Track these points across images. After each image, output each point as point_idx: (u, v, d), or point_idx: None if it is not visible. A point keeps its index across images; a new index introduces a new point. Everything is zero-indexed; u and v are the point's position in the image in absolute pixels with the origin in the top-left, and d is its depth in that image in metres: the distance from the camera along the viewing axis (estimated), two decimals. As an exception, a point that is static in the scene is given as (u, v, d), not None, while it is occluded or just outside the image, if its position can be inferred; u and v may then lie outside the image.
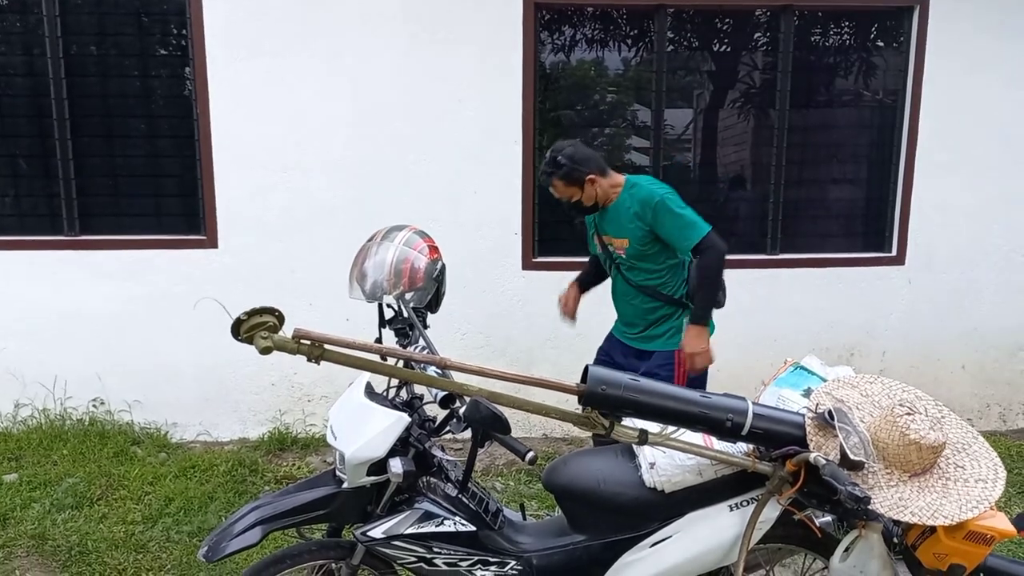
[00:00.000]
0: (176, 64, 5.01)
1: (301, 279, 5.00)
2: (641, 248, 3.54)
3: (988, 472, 2.21)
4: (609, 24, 5.19)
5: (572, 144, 3.61)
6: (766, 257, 5.30)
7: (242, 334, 2.08)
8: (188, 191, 5.03)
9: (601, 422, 2.26)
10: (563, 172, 3.52)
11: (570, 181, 3.54)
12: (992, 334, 5.47)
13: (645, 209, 3.48)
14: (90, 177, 5.00)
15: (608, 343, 3.91)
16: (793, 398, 2.49)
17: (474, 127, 4.97)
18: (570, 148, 3.56)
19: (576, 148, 3.58)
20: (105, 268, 4.96)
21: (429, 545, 2.42)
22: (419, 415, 2.54)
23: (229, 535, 2.39)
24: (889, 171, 5.33)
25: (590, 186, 3.55)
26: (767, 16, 5.19)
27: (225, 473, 4.53)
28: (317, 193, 4.96)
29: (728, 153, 5.58)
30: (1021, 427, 5.60)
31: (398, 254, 2.75)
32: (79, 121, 4.94)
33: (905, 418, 2.19)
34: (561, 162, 3.51)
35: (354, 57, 4.87)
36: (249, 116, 4.87)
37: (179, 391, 5.10)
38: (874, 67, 5.35)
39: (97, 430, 4.93)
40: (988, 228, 5.34)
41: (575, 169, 3.52)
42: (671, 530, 2.42)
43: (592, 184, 3.55)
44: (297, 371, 5.05)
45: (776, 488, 2.32)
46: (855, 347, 5.39)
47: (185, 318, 4.89)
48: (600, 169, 3.57)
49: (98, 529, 3.92)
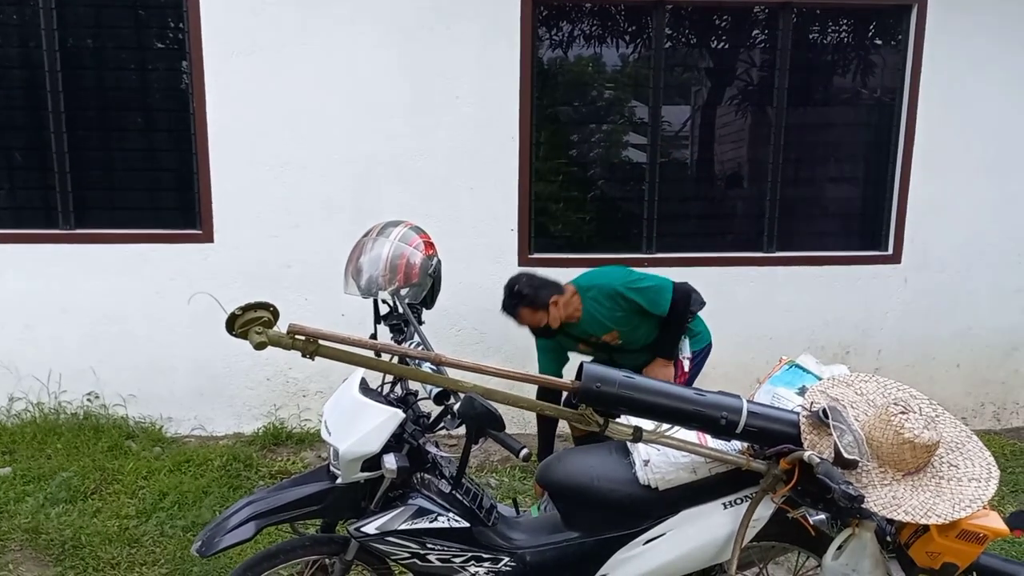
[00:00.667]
0: (172, 58, 5.00)
1: (297, 274, 4.99)
2: (631, 327, 3.77)
3: (981, 471, 2.21)
4: (607, 20, 5.18)
5: (527, 274, 3.78)
6: (762, 255, 5.30)
7: (236, 329, 2.08)
8: (184, 185, 5.01)
9: (595, 419, 2.26)
10: (527, 300, 3.65)
11: (536, 307, 3.66)
12: (987, 333, 5.47)
13: (615, 301, 3.71)
14: (86, 171, 4.98)
15: None
16: (788, 396, 2.49)
17: (471, 123, 4.96)
18: (526, 278, 3.72)
19: (532, 277, 3.74)
20: (100, 262, 4.94)
21: (423, 541, 2.42)
22: (413, 411, 2.54)
23: (223, 530, 2.40)
24: (886, 170, 5.33)
25: (555, 308, 3.67)
26: (765, 13, 5.18)
27: (219, 468, 4.52)
28: (313, 188, 4.95)
29: (725, 150, 5.57)
30: (1015, 426, 5.61)
31: (394, 250, 2.75)
32: (75, 114, 4.92)
33: (899, 417, 2.19)
34: (524, 292, 3.64)
35: (351, 52, 4.85)
36: (245, 111, 4.86)
37: (174, 385, 5.09)
38: (872, 66, 5.35)
39: (91, 424, 4.92)
40: (984, 228, 5.34)
41: (538, 296, 3.64)
42: (665, 527, 2.43)
43: (555, 306, 3.68)
44: (292, 366, 5.04)
45: (770, 486, 2.33)
46: (851, 345, 5.40)
47: (180, 312, 4.89)
48: (558, 291, 3.71)
49: (92, 523, 3.91)
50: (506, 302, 3.71)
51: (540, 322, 3.68)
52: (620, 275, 3.77)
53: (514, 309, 3.68)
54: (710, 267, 5.17)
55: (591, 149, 5.38)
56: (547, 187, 5.21)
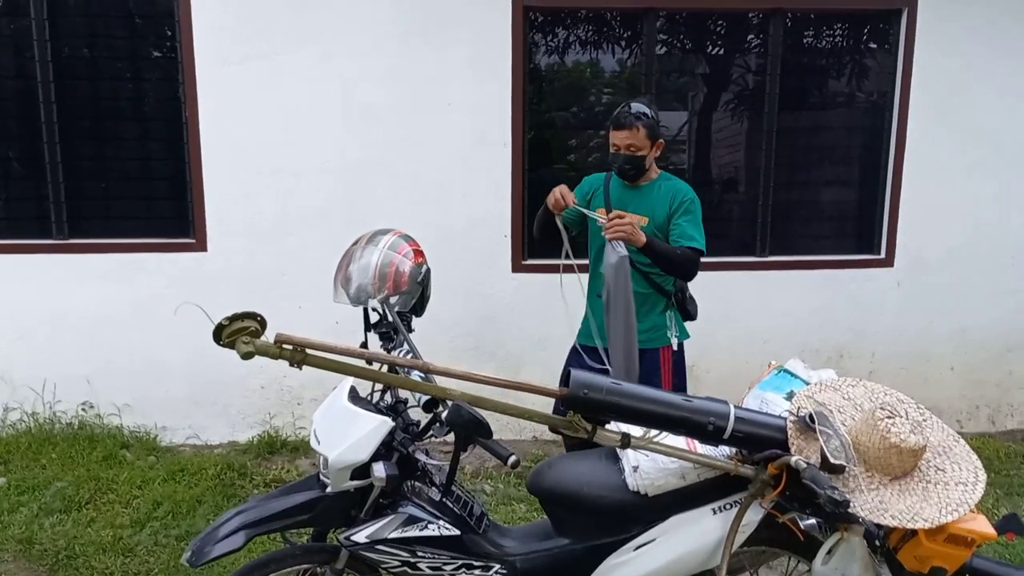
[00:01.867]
0: (165, 67, 5.01)
1: (291, 282, 4.99)
2: (655, 231, 3.53)
3: (968, 475, 2.22)
4: (600, 27, 5.20)
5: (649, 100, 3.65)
6: (756, 259, 5.31)
7: (224, 339, 2.08)
8: (177, 194, 5.02)
9: (584, 426, 2.26)
10: (649, 123, 3.50)
11: (650, 135, 3.52)
12: (981, 336, 5.48)
13: (677, 196, 3.55)
14: (79, 180, 5.00)
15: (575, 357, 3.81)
16: (776, 401, 2.49)
17: (464, 130, 4.97)
18: (651, 103, 3.59)
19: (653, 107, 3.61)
20: (94, 271, 4.95)
21: (413, 549, 2.42)
22: (403, 419, 2.53)
23: (213, 540, 2.39)
24: (878, 173, 5.35)
25: (656, 149, 3.58)
26: (758, 19, 5.20)
27: (214, 476, 4.52)
28: (307, 196, 4.96)
29: (719, 155, 5.59)
30: (1010, 428, 5.61)
31: (383, 258, 2.75)
32: (68, 124, 4.93)
33: (886, 421, 2.20)
34: (651, 115, 3.52)
35: (344, 59, 4.87)
36: (238, 119, 4.87)
37: (168, 394, 5.09)
38: (863, 70, 5.37)
39: (86, 434, 4.92)
40: (977, 230, 5.35)
41: (658, 126, 3.55)
42: (655, 533, 2.42)
43: (658, 148, 3.58)
44: (287, 374, 5.03)
45: (758, 491, 2.33)
46: (845, 349, 5.41)
47: (174, 321, 4.82)
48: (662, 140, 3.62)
49: (86, 533, 3.91)
50: (629, 113, 3.51)
51: (641, 150, 3.51)
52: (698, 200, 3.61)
53: (636, 121, 3.48)
54: (705, 271, 5.12)
55: (587, 156, 5.38)
56: (541, 193, 5.21)
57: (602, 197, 3.68)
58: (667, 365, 3.61)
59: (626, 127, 3.48)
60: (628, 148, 3.50)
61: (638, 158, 3.52)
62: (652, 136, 3.51)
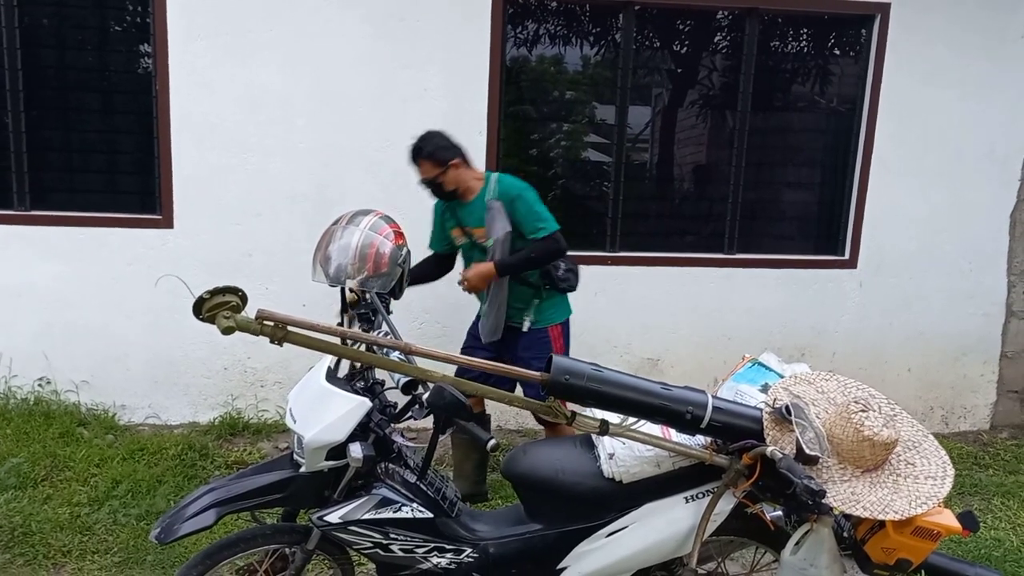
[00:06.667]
0: (135, 39, 4.90)
1: (258, 263, 4.93)
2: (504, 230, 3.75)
3: (937, 470, 2.28)
4: (575, 20, 5.20)
5: (440, 132, 3.85)
6: (723, 256, 5.36)
7: (204, 313, 2.06)
8: (144, 169, 4.92)
9: (563, 412, 2.27)
10: (428, 152, 3.74)
11: (436, 162, 3.74)
12: (938, 339, 5.60)
13: (505, 198, 3.74)
14: (43, 152, 4.87)
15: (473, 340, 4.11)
16: (751, 393, 2.53)
17: (439, 116, 4.91)
18: (437, 135, 3.82)
19: (443, 136, 3.82)
20: (56, 245, 4.83)
21: (386, 531, 2.42)
22: (380, 400, 2.53)
23: (182, 517, 2.37)
24: (845, 176, 5.43)
25: (454, 170, 3.78)
26: (732, 18, 5.25)
27: (174, 457, 4.45)
28: (277, 177, 4.89)
29: (687, 153, 5.63)
30: (963, 430, 5.75)
31: (363, 238, 2.73)
32: (33, 94, 4.80)
33: (860, 415, 2.24)
34: (428, 145, 3.75)
35: (318, 40, 4.80)
36: (209, 95, 4.78)
37: (128, 373, 4.99)
38: (834, 73, 5.44)
39: (42, 410, 4.80)
40: (938, 235, 5.46)
41: (440, 150, 3.75)
42: (627, 520, 2.45)
43: (455, 169, 3.78)
44: (251, 355, 4.98)
45: (732, 481, 2.36)
46: (806, 348, 5.48)
47: (137, 299, 4.82)
48: (464, 159, 3.82)
49: (42, 510, 3.84)
50: (412, 151, 3.79)
51: (436, 177, 3.76)
52: (527, 189, 3.80)
53: (415, 158, 3.77)
54: (672, 267, 5.22)
55: (554, 147, 5.39)
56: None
57: (452, 218, 3.97)
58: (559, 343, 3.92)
59: (415, 163, 3.81)
60: (425, 178, 3.82)
61: (437, 184, 3.81)
62: (439, 162, 3.76)
